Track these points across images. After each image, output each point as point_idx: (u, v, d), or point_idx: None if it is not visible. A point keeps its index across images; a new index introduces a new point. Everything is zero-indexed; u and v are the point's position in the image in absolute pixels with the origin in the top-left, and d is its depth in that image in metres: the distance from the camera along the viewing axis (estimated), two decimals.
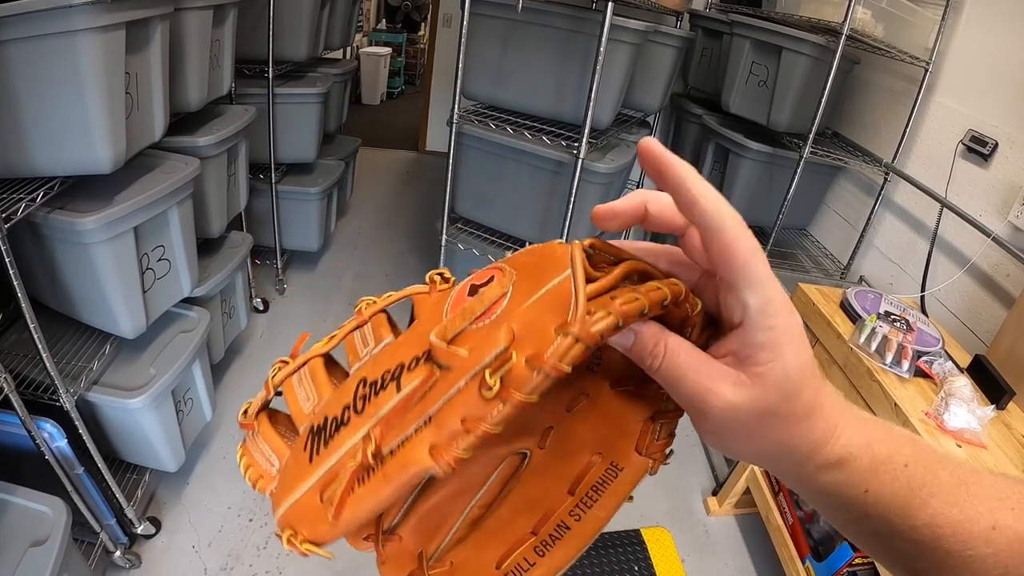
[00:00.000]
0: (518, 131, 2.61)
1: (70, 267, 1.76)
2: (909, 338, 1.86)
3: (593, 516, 0.41)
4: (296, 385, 0.42)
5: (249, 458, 0.41)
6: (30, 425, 1.60)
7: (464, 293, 0.37)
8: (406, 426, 0.32)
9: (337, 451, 0.35)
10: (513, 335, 0.31)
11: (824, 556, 1.93)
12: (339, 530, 0.34)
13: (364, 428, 0.35)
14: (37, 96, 1.46)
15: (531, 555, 0.41)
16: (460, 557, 0.42)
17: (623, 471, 0.41)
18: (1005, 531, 0.35)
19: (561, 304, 0.31)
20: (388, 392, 0.35)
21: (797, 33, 2.68)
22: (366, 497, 0.33)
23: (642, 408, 0.41)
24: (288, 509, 0.36)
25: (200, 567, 2.05)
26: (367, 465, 0.33)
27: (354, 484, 0.33)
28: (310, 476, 0.36)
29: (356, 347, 0.42)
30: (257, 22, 2.78)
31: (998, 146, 2.27)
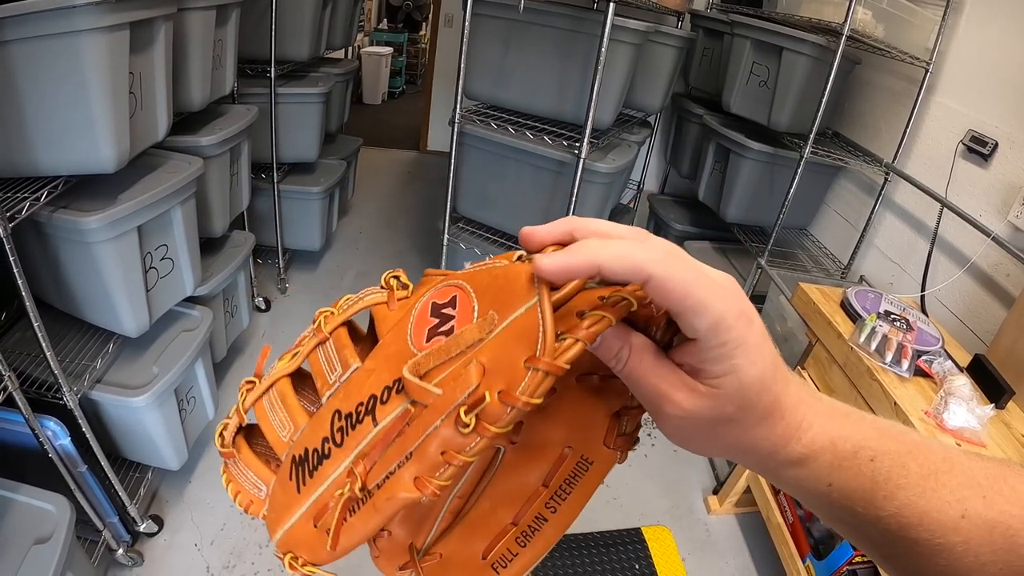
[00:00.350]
0: (520, 131, 2.62)
1: (74, 266, 1.77)
2: (909, 337, 1.86)
3: (567, 508, 0.42)
4: (268, 411, 0.44)
5: (236, 485, 0.44)
6: (34, 423, 1.61)
7: (426, 313, 0.38)
8: (388, 461, 0.35)
9: (322, 483, 0.38)
10: (483, 370, 0.32)
11: (824, 555, 1.93)
12: (337, 555, 0.38)
13: (346, 461, 0.37)
14: (41, 96, 1.46)
15: (513, 545, 0.43)
16: (448, 549, 0.44)
17: (592, 464, 0.42)
18: (974, 519, 0.35)
19: (528, 335, 0.31)
20: (365, 426, 0.37)
21: (798, 33, 2.69)
22: (358, 526, 0.36)
23: (608, 403, 0.42)
24: (285, 535, 0.40)
25: (202, 565, 2.06)
26: (355, 498, 0.36)
27: (345, 515, 0.37)
28: (300, 505, 0.39)
29: (322, 370, 0.43)
30: (259, 22, 2.79)
31: (998, 146, 2.27)
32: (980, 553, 0.35)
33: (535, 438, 0.43)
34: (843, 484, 0.37)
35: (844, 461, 0.37)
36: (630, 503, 2.53)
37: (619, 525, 2.37)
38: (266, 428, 0.44)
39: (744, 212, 3.23)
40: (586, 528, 2.34)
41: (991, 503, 0.36)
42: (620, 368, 0.36)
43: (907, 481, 0.36)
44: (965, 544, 0.35)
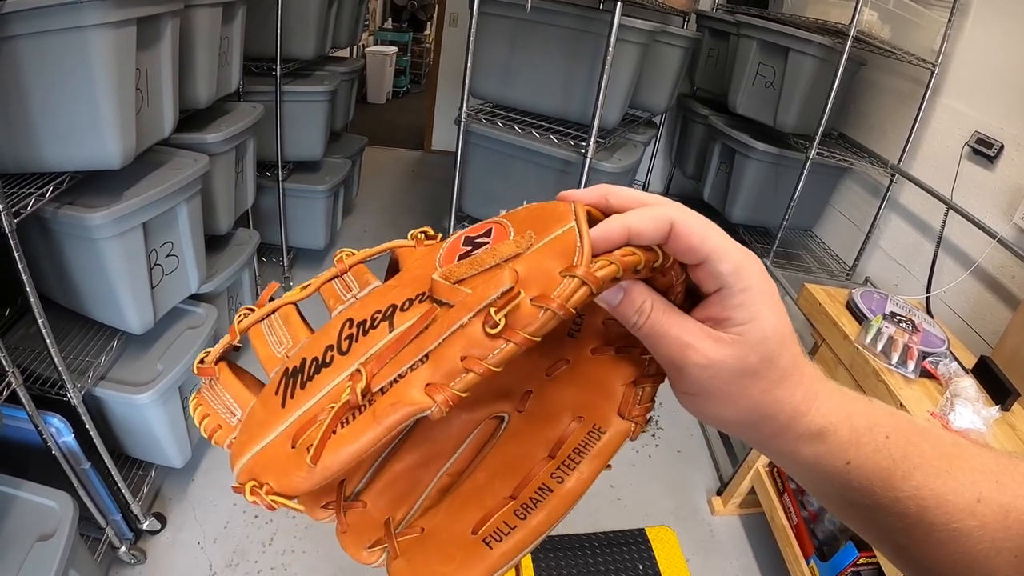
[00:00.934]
0: (526, 130, 2.61)
1: (79, 262, 1.77)
2: (915, 339, 1.86)
3: (576, 478, 0.39)
4: (266, 331, 0.40)
5: (206, 407, 0.38)
6: (37, 420, 1.61)
7: (458, 243, 0.36)
8: (400, 362, 0.31)
9: (316, 393, 0.33)
10: (517, 276, 0.31)
11: (828, 556, 1.93)
12: (315, 478, 0.31)
13: (349, 369, 0.33)
14: (48, 91, 1.46)
15: (511, 519, 0.38)
16: (432, 523, 0.40)
17: (605, 433, 0.40)
18: (990, 503, 0.35)
19: (565, 251, 0.31)
20: (379, 331, 0.34)
21: (804, 34, 2.69)
22: (349, 439, 0.30)
23: (624, 372, 0.41)
24: (252, 458, 0.33)
25: (205, 563, 2.06)
26: (354, 404, 0.31)
27: (336, 425, 0.31)
28: (281, 421, 0.33)
29: (337, 293, 0.41)
30: (265, 20, 2.78)
31: (1004, 148, 2.27)
32: (996, 538, 0.35)
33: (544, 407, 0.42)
34: (862, 461, 0.37)
35: (862, 437, 0.37)
36: (634, 503, 2.53)
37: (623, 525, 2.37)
38: (260, 347, 0.40)
39: (749, 213, 3.23)
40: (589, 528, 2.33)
41: (1004, 488, 0.35)
42: (642, 322, 0.36)
43: (922, 461, 0.36)
44: (981, 529, 0.35)
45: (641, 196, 0.36)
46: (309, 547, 2.14)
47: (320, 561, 2.10)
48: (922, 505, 0.36)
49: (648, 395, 0.41)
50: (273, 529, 2.18)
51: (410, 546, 0.39)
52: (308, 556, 2.11)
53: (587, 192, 0.37)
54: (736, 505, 2.50)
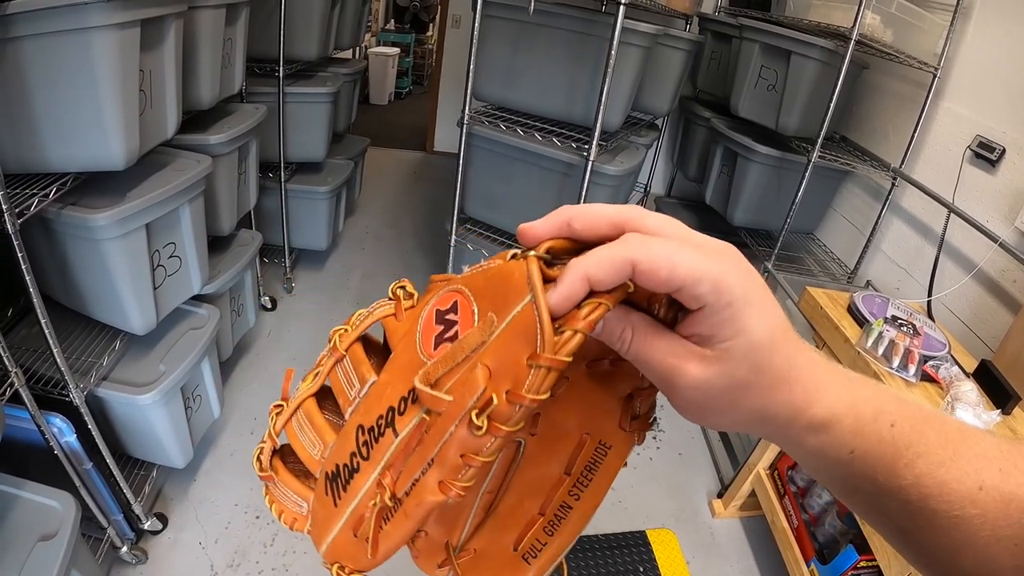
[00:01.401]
0: (528, 132, 2.62)
1: (82, 263, 1.77)
2: (916, 342, 1.86)
3: (590, 494, 0.44)
4: (298, 431, 0.46)
5: (279, 505, 0.47)
6: (40, 420, 1.61)
7: (432, 321, 0.38)
8: (412, 469, 0.36)
9: (356, 495, 0.41)
10: (489, 373, 0.33)
11: (829, 559, 1.93)
12: (378, 561, 0.40)
13: (374, 473, 0.40)
14: (52, 92, 1.47)
15: (542, 535, 0.45)
16: (481, 544, 0.47)
17: (611, 448, 0.44)
18: (992, 492, 0.35)
19: (528, 331, 0.32)
20: (387, 438, 0.39)
21: (806, 37, 2.69)
22: (394, 533, 0.39)
23: (619, 386, 0.43)
24: (329, 547, 0.43)
25: (207, 563, 2.06)
26: (387, 508, 0.38)
27: (380, 523, 0.39)
28: (339, 518, 0.42)
29: (343, 387, 0.45)
30: (268, 21, 2.79)
31: (1006, 152, 2.27)
32: (997, 527, 0.35)
33: (553, 428, 0.45)
34: (865, 450, 0.37)
35: (866, 426, 0.37)
36: (635, 506, 2.53)
37: (624, 528, 2.37)
38: (298, 448, 0.46)
39: (751, 216, 3.23)
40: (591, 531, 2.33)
41: (1007, 476, 0.35)
42: (625, 350, 0.36)
43: (926, 449, 0.36)
44: (983, 517, 0.35)
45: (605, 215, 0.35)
46: (310, 548, 2.13)
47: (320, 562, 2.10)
48: (924, 493, 0.36)
49: (645, 406, 0.43)
50: (274, 530, 2.18)
51: (468, 566, 0.46)
52: (309, 557, 2.12)
53: (548, 223, 0.36)
54: (737, 508, 2.50)
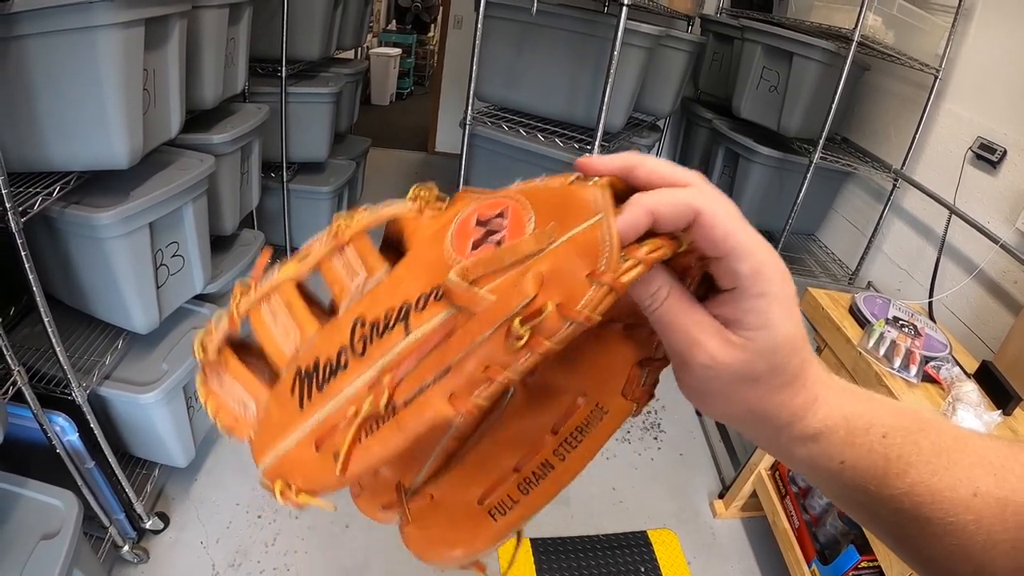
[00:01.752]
0: (531, 133, 2.62)
1: (85, 262, 1.77)
2: (917, 343, 1.86)
3: (576, 456, 0.39)
4: (269, 319, 0.39)
5: (216, 400, 0.38)
6: (42, 418, 1.61)
7: (469, 224, 0.35)
8: (421, 375, 0.31)
9: (333, 397, 0.33)
10: (542, 281, 0.30)
11: (830, 559, 1.93)
12: (346, 481, 0.32)
13: (368, 373, 0.33)
14: (56, 91, 1.47)
15: (515, 492, 0.39)
16: (441, 491, 0.41)
17: (607, 413, 0.40)
18: (986, 498, 0.35)
19: (590, 251, 0.30)
20: (395, 334, 0.33)
21: (808, 39, 2.69)
22: (376, 448, 0.31)
23: (630, 353, 0.40)
24: (277, 459, 0.34)
25: (208, 563, 2.06)
26: (377, 415, 0.31)
27: (361, 435, 0.32)
28: (300, 425, 0.34)
29: (339, 276, 0.39)
30: (271, 21, 2.79)
31: (1007, 153, 2.27)
32: (992, 531, 0.35)
33: (550, 383, 0.42)
34: (855, 462, 0.37)
35: (857, 438, 0.37)
36: (636, 506, 2.53)
37: (625, 528, 2.37)
38: (265, 337, 0.39)
39: (753, 217, 3.15)
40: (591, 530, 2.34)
41: (1003, 481, 0.35)
42: (655, 308, 0.35)
43: (918, 459, 0.36)
44: (977, 523, 0.35)
45: (671, 172, 0.34)
46: (312, 547, 2.15)
47: (323, 562, 2.11)
48: (917, 501, 0.36)
49: (652, 378, 0.40)
50: (276, 529, 2.19)
51: (421, 513, 0.40)
52: (311, 556, 2.12)
53: (611, 162, 0.35)
54: (738, 508, 2.51)
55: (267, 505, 2.26)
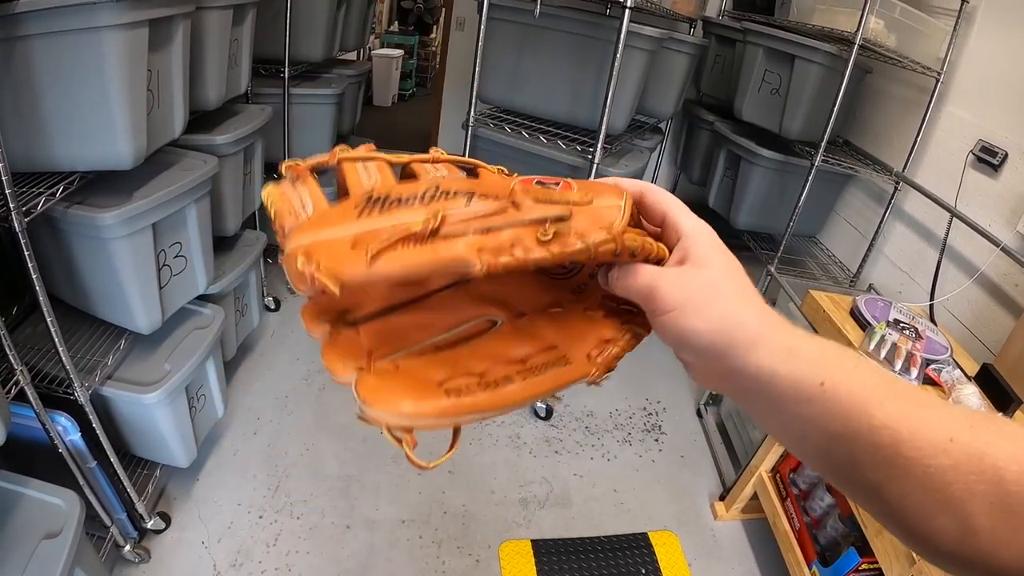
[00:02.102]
0: (533, 135, 2.63)
1: (88, 262, 1.78)
2: (918, 346, 1.86)
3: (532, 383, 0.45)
4: (360, 169, 0.43)
5: (278, 200, 0.41)
6: (44, 418, 1.62)
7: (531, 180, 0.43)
8: (467, 224, 0.37)
9: (391, 217, 0.37)
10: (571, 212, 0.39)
11: (830, 561, 1.93)
12: (367, 273, 0.35)
13: (427, 211, 0.37)
14: (60, 91, 1.47)
15: (472, 386, 0.43)
16: (409, 366, 0.44)
17: (569, 364, 0.47)
18: (964, 446, 0.36)
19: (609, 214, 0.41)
20: (458, 200, 0.38)
21: (810, 42, 2.69)
22: (407, 257, 0.35)
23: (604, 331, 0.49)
24: (312, 242, 0.36)
25: (209, 563, 2.06)
26: (422, 235, 0.36)
27: (399, 244, 0.35)
28: (351, 225, 0.37)
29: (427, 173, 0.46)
30: (274, 22, 2.80)
31: (1008, 156, 2.27)
32: (970, 480, 0.35)
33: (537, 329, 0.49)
34: (836, 383, 0.39)
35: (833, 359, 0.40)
36: (637, 508, 2.53)
37: (626, 529, 2.37)
38: (352, 179, 0.43)
39: (754, 219, 3.23)
40: (592, 532, 2.34)
41: (977, 433, 0.36)
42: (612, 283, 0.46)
43: (894, 392, 0.39)
44: (955, 469, 0.36)
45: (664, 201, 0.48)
46: (313, 548, 2.15)
47: (324, 562, 2.11)
48: (896, 437, 0.37)
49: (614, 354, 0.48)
50: (278, 530, 2.19)
51: (381, 372, 0.43)
52: (312, 557, 2.12)
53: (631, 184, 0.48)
54: (739, 510, 2.51)
55: (268, 505, 2.27)
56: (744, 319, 0.41)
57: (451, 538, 2.27)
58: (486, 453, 2.67)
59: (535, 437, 2.80)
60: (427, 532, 2.27)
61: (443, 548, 2.23)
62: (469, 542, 2.27)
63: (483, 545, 2.26)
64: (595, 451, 2.78)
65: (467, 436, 2.63)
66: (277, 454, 2.50)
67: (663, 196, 0.47)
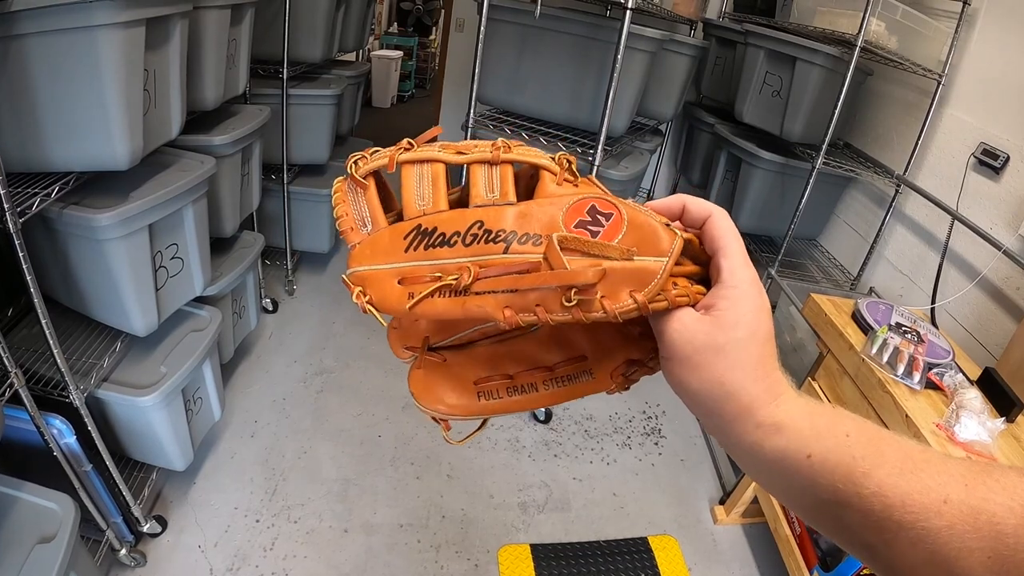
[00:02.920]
0: (533, 136, 2.61)
1: (83, 263, 1.76)
2: (920, 350, 1.85)
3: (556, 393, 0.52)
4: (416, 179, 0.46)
5: (345, 207, 0.47)
6: (39, 421, 1.61)
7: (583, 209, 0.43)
8: (498, 283, 0.41)
9: (432, 260, 0.43)
10: (604, 275, 0.40)
11: (832, 567, 1.92)
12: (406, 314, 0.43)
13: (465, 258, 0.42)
14: (56, 90, 1.46)
15: (502, 390, 0.52)
16: (453, 360, 0.53)
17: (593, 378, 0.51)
18: (958, 505, 0.35)
19: (644, 277, 0.40)
20: (498, 247, 0.42)
21: (811, 44, 2.68)
22: (440, 307, 0.42)
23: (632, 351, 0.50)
24: (365, 272, 0.44)
25: (206, 567, 2.05)
26: (454, 288, 0.41)
27: (436, 294, 0.42)
28: (399, 260, 0.44)
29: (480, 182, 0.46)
30: (273, 22, 2.79)
31: (1009, 159, 2.26)
32: (966, 539, 0.35)
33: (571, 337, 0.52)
34: (823, 456, 0.39)
35: (822, 432, 0.40)
36: (637, 512, 2.52)
37: (625, 534, 2.36)
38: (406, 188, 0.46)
39: (755, 222, 3.22)
40: (592, 536, 2.33)
41: (973, 490, 0.36)
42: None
43: (883, 460, 0.38)
44: (950, 529, 0.35)
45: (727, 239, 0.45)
46: (311, 552, 2.14)
47: (322, 566, 2.10)
48: (886, 503, 0.37)
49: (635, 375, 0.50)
50: (274, 534, 2.18)
51: (430, 365, 0.52)
52: (310, 561, 2.11)
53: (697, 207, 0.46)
54: (739, 514, 2.49)
55: (265, 509, 2.25)
56: (736, 391, 0.41)
57: (449, 542, 2.26)
58: (485, 457, 2.66)
59: (534, 440, 2.79)
60: (425, 536, 2.26)
61: (441, 552, 2.21)
62: (468, 546, 2.25)
63: (482, 550, 2.24)
64: (594, 455, 2.77)
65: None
66: (274, 457, 2.48)
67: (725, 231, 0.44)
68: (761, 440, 0.41)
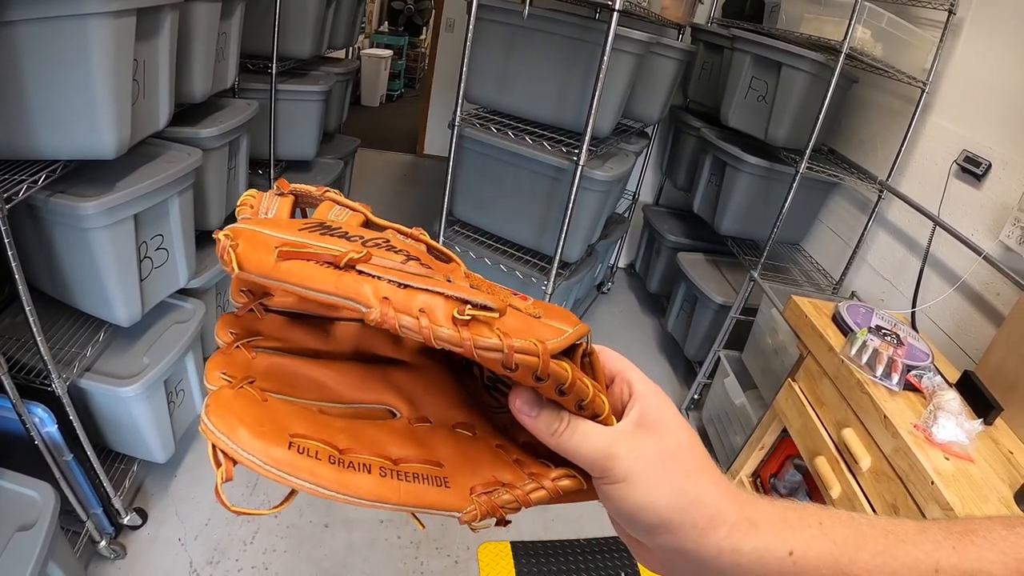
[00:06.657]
0: (519, 136, 2.63)
1: (68, 252, 1.76)
2: (899, 352, 1.87)
3: (390, 486, 0.41)
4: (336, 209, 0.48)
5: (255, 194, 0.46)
6: (21, 409, 1.60)
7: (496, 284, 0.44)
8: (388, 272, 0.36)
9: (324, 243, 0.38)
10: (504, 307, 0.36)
11: None
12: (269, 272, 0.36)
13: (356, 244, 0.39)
14: (44, 78, 1.46)
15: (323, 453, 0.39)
16: (276, 404, 0.41)
17: (446, 490, 0.42)
18: (950, 571, 0.35)
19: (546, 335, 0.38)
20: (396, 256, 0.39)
21: (797, 50, 2.71)
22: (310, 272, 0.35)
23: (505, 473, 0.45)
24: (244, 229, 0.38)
25: (186, 560, 2.05)
26: (336, 262, 0.35)
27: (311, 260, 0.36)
28: (286, 233, 0.38)
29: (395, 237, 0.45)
30: (263, 17, 2.79)
31: (991, 167, 2.29)
32: None
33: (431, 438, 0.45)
34: (804, 549, 0.37)
35: (795, 524, 0.38)
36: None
37: (607, 533, 2.37)
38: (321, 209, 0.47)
39: (739, 225, 3.24)
40: (572, 535, 2.33)
41: (963, 553, 0.35)
42: (556, 441, 0.41)
43: (865, 540, 0.37)
44: None
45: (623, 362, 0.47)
46: (290, 546, 2.13)
47: (301, 561, 2.10)
48: None
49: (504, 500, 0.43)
50: (255, 528, 2.17)
51: (245, 396, 0.40)
52: (289, 555, 2.11)
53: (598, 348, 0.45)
54: None
55: (245, 503, 2.25)
56: (701, 495, 0.39)
57: (430, 539, 2.26)
58: None
59: None
60: (405, 532, 2.26)
61: (421, 549, 2.22)
62: (448, 543, 2.26)
63: (462, 546, 2.25)
64: None
65: None
66: None
67: (619, 357, 0.46)
68: (739, 542, 0.38)
